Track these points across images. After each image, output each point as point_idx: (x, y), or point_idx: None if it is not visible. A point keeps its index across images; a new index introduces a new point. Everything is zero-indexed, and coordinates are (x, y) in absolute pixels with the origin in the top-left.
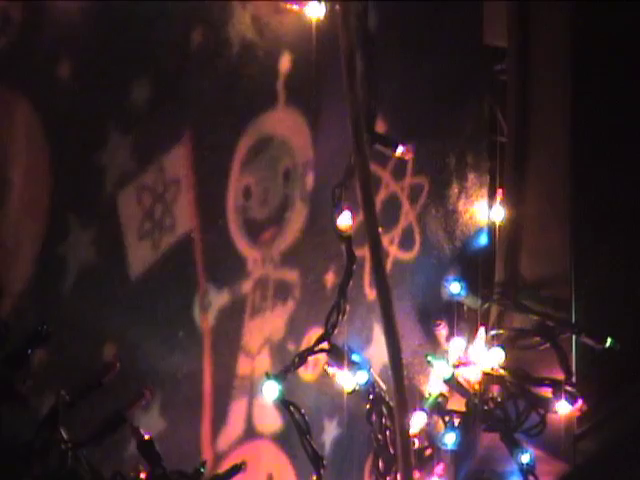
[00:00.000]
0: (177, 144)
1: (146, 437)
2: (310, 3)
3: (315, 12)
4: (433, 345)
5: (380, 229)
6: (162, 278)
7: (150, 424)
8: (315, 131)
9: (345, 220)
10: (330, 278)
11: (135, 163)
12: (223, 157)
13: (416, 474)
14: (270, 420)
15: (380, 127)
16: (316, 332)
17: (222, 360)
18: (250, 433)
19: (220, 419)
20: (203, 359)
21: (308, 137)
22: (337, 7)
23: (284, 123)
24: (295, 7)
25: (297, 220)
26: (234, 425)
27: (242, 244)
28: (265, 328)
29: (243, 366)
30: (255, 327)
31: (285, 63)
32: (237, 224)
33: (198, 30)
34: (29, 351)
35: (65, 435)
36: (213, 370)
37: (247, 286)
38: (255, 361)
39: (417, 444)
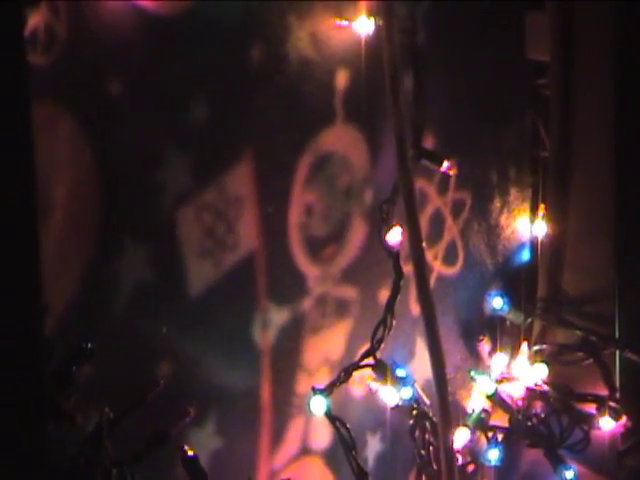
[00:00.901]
0: (238, 162)
1: (190, 454)
2: (359, 19)
3: (364, 28)
4: (476, 360)
5: (424, 244)
6: (223, 296)
7: (206, 441)
8: (373, 147)
9: (394, 236)
10: (384, 294)
11: (194, 181)
12: (284, 175)
13: None
14: (320, 437)
15: (426, 142)
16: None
17: (281, 378)
18: (304, 450)
19: (277, 437)
20: (262, 377)
21: (367, 154)
22: (381, 23)
23: (343, 140)
24: (344, 23)
25: (357, 237)
26: (290, 443)
27: (303, 261)
28: (324, 345)
29: (302, 384)
30: (314, 345)
31: (342, 79)
32: (298, 241)
33: (257, 47)
34: (73, 368)
35: (110, 452)
36: (271, 388)
37: (307, 303)
38: (314, 379)
39: (460, 460)
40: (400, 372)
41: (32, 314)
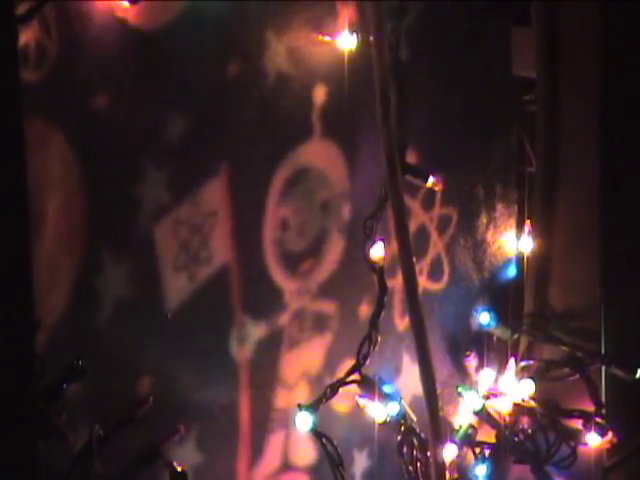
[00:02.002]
0: (213, 176)
1: (179, 470)
2: (341, 35)
3: (347, 43)
4: (463, 376)
5: (414, 259)
6: (198, 310)
7: (186, 457)
8: (350, 162)
9: (377, 251)
10: (364, 309)
11: (171, 196)
12: (260, 189)
13: None
14: (303, 452)
15: (410, 158)
16: (351, 363)
17: (259, 393)
18: (286, 465)
19: (257, 452)
20: (240, 392)
21: (344, 168)
22: (371, 39)
23: (320, 155)
24: (327, 39)
25: (334, 251)
26: (270, 458)
27: (279, 276)
28: (302, 360)
29: (280, 398)
30: (292, 359)
31: (320, 95)
32: (274, 256)
33: (234, 62)
34: (64, 385)
35: (100, 469)
36: (250, 403)
37: (284, 318)
38: (292, 393)
39: (448, 476)
40: (387, 388)
41: (25, 331)
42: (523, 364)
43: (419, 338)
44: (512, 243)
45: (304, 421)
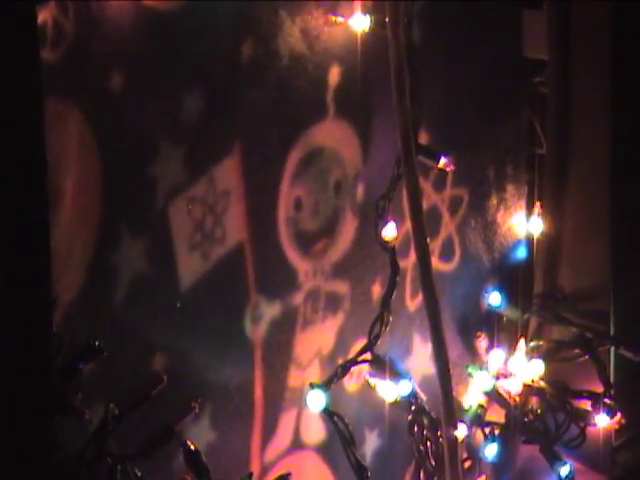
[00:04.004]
0: (228, 156)
1: (192, 448)
2: (355, 15)
3: (360, 24)
4: (473, 357)
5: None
6: (212, 289)
7: (201, 435)
8: (364, 143)
9: (390, 231)
10: (376, 289)
11: (186, 174)
12: (273, 169)
13: None
14: (315, 431)
15: (422, 139)
16: (363, 343)
17: (273, 372)
18: (297, 444)
19: (270, 430)
20: (254, 371)
21: (358, 149)
22: (386, 20)
23: (334, 135)
24: (340, 19)
25: (348, 231)
26: (283, 436)
27: (293, 255)
28: (315, 340)
29: (293, 378)
30: (306, 339)
31: (334, 75)
32: (288, 235)
33: (248, 43)
34: (81, 364)
35: (114, 448)
36: (264, 382)
37: (298, 298)
38: (305, 373)
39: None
40: (398, 368)
41: (43, 308)
42: (533, 345)
43: (432, 318)
44: (522, 224)
45: (316, 400)
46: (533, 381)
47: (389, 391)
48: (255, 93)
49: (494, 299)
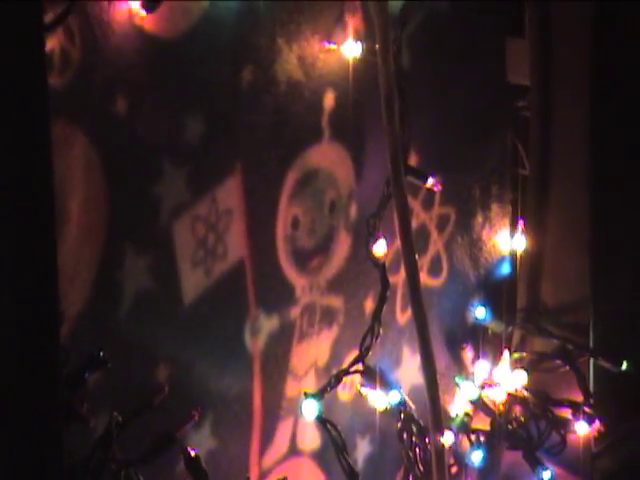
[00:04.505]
0: (229, 176)
1: (192, 454)
2: (347, 42)
3: (352, 51)
4: (459, 367)
5: (416, 257)
6: (214, 303)
7: (201, 442)
8: (357, 164)
9: (380, 248)
10: (369, 304)
11: (189, 194)
12: (272, 189)
13: None
14: (310, 438)
15: (411, 160)
16: (356, 355)
17: (271, 382)
18: (293, 451)
19: (268, 437)
20: (253, 381)
21: (351, 170)
22: (377, 47)
23: (329, 157)
24: (333, 46)
25: (342, 249)
26: (280, 443)
27: (291, 272)
28: (311, 351)
29: (290, 388)
30: (302, 351)
31: (329, 100)
32: (286, 252)
33: (248, 69)
34: (86, 375)
35: (118, 454)
36: (262, 391)
37: (295, 312)
38: (302, 383)
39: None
40: (388, 378)
41: (50, 322)
42: (516, 356)
43: (421, 330)
44: (506, 241)
45: (310, 408)
46: (516, 390)
47: (380, 400)
48: (254, 117)
49: (479, 313)
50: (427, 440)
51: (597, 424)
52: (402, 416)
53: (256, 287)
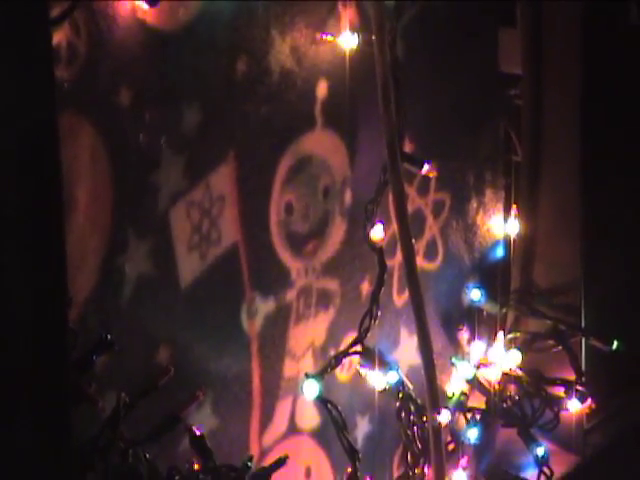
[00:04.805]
0: (223, 163)
1: (198, 434)
2: (344, 34)
3: (349, 42)
4: (455, 348)
5: (413, 241)
6: (210, 287)
7: (203, 421)
8: (350, 151)
9: (378, 233)
10: (365, 287)
11: (186, 181)
12: (265, 175)
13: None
14: (309, 417)
15: (407, 147)
16: (353, 336)
17: (269, 363)
18: (292, 430)
19: (267, 416)
20: (251, 362)
21: (345, 157)
22: (373, 38)
23: (322, 144)
24: (330, 38)
25: (337, 233)
26: (279, 422)
27: (286, 256)
28: (308, 333)
29: (288, 368)
30: (299, 332)
31: (322, 89)
32: (280, 237)
33: (242, 60)
34: (94, 357)
35: (126, 434)
36: (260, 372)
37: (291, 294)
38: (299, 363)
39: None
40: (386, 359)
41: (59, 307)
42: (510, 336)
43: (418, 312)
44: (500, 226)
45: (311, 388)
46: (511, 370)
47: (378, 380)
48: (248, 106)
49: (475, 295)
50: (425, 418)
51: (589, 401)
52: (400, 396)
53: (251, 271)
